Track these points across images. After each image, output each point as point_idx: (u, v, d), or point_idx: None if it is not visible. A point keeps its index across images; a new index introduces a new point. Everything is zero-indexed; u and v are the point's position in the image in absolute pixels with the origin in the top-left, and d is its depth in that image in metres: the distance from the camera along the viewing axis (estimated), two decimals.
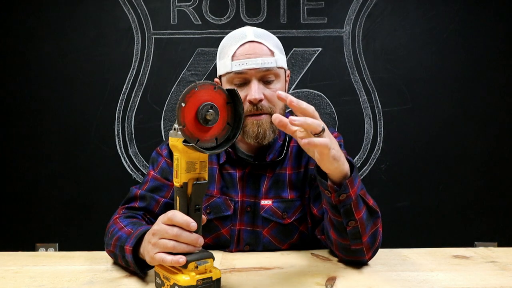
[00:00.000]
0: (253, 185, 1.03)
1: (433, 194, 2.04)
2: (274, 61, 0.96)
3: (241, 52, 0.95)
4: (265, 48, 0.96)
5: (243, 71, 0.94)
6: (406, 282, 0.78)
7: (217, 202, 1.02)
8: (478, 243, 2.00)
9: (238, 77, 0.95)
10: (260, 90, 0.95)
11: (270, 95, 0.96)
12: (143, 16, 2.04)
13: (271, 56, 0.96)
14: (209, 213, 1.02)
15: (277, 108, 0.98)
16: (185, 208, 0.69)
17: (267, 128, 0.96)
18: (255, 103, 0.94)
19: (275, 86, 0.97)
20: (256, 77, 0.95)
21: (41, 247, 2.04)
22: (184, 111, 0.63)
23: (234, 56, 0.95)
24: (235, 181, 1.03)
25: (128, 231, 0.86)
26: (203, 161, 0.69)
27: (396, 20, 2.03)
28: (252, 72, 0.94)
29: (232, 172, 1.04)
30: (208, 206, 1.02)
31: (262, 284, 0.76)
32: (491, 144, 2.03)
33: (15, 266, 0.88)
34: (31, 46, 2.03)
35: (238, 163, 1.04)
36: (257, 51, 0.95)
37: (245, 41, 0.96)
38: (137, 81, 2.05)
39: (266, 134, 0.97)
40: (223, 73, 0.98)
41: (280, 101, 0.97)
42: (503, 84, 2.03)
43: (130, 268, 0.82)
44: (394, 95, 2.04)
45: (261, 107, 0.95)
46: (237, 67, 0.94)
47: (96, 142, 2.05)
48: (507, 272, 0.83)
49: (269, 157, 1.03)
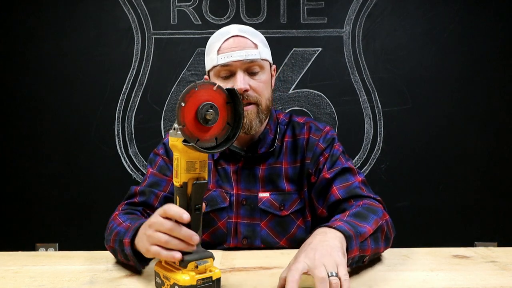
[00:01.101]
0: (248, 179, 1.05)
1: (433, 194, 2.04)
2: (258, 53, 1.00)
3: (226, 46, 1.00)
4: (249, 42, 1.01)
5: (228, 63, 0.98)
6: (406, 282, 0.78)
7: (212, 195, 1.05)
8: (478, 243, 2.00)
9: (224, 70, 0.99)
10: (246, 81, 0.99)
11: (256, 85, 1.00)
12: (143, 16, 2.04)
13: (254, 48, 1.00)
14: (206, 206, 1.03)
15: (263, 98, 1.02)
16: (185, 208, 0.69)
17: (253, 118, 1.00)
18: (240, 93, 0.97)
19: (260, 77, 1.01)
20: (241, 68, 0.99)
21: (41, 247, 2.04)
22: (184, 111, 0.63)
23: (220, 50, 1.00)
24: (229, 175, 1.06)
25: (127, 226, 0.87)
26: (203, 161, 0.69)
27: (396, 20, 2.03)
28: (237, 64, 0.98)
29: (226, 167, 1.07)
30: (204, 200, 1.03)
31: (262, 284, 0.76)
32: (491, 144, 2.03)
33: (15, 266, 0.88)
34: (31, 46, 2.03)
35: (231, 157, 1.07)
36: (241, 44, 1.00)
37: (229, 36, 1.01)
38: (137, 81, 2.05)
39: (253, 124, 1.00)
40: (210, 68, 1.02)
41: (266, 92, 1.03)
42: (503, 84, 2.03)
43: (130, 262, 0.83)
44: (394, 95, 2.04)
45: (247, 96, 0.99)
46: (222, 60, 0.98)
47: (96, 142, 2.05)
48: (507, 272, 0.83)
49: (261, 150, 1.06)
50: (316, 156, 1.05)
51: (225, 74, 1.00)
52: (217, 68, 1.00)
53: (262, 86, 1.02)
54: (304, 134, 1.09)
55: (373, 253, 0.84)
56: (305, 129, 1.09)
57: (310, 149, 1.06)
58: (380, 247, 0.87)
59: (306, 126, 1.10)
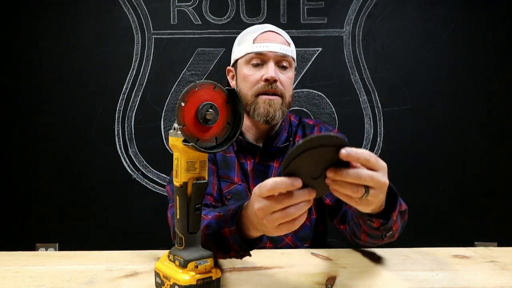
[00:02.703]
0: (261, 175, 1.08)
1: (433, 194, 2.04)
2: (290, 50, 1.07)
3: (263, 38, 1.06)
4: (283, 39, 1.08)
5: (263, 52, 1.04)
6: (406, 282, 0.78)
7: (238, 189, 1.07)
8: (478, 243, 2.00)
9: (257, 58, 1.05)
10: (277, 72, 1.04)
11: (284, 79, 1.05)
12: (143, 16, 2.04)
13: (287, 45, 1.07)
14: (229, 199, 1.05)
15: (288, 93, 1.07)
16: (185, 208, 0.69)
17: (277, 108, 1.04)
18: (271, 81, 1.02)
19: (287, 73, 1.07)
20: (274, 60, 1.04)
21: (41, 247, 2.04)
22: (184, 111, 0.63)
23: (256, 40, 1.06)
24: (247, 172, 1.09)
25: (217, 215, 0.79)
26: (203, 161, 0.69)
27: (396, 20, 2.03)
28: (271, 54, 1.04)
29: (243, 162, 1.09)
30: (229, 192, 1.05)
31: (262, 284, 0.76)
32: (491, 144, 2.03)
33: (15, 266, 0.88)
34: (31, 46, 2.03)
35: (248, 151, 1.09)
36: (278, 39, 1.07)
37: (266, 30, 1.08)
38: (137, 81, 2.05)
39: (276, 114, 1.04)
40: (242, 55, 1.07)
41: (290, 88, 1.09)
42: (503, 84, 2.03)
43: (231, 254, 0.77)
44: (394, 95, 2.03)
45: (275, 87, 1.04)
46: (258, 48, 1.04)
47: (96, 142, 2.05)
48: (507, 272, 0.83)
49: (276, 144, 1.10)
50: None
51: (256, 62, 1.05)
52: (251, 55, 1.05)
53: (288, 81, 1.07)
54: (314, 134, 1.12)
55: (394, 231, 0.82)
56: (315, 130, 1.14)
57: None
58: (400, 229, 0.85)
59: (316, 128, 1.15)
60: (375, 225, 0.76)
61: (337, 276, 0.80)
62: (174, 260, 0.70)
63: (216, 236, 0.75)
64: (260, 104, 1.03)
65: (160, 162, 2.05)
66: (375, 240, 0.85)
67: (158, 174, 2.05)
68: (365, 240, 0.87)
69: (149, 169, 2.05)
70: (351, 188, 0.59)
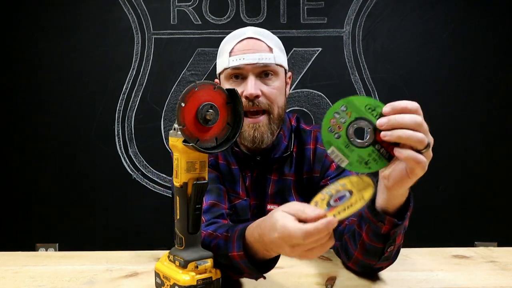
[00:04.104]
0: (259, 187, 1.00)
1: (433, 194, 2.04)
2: (273, 57, 0.93)
3: (239, 48, 0.94)
4: (264, 45, 0.95)
5: (239, 66, 0.92)
6: (406, 282, 0.78)
7: (242, 205, 0.99)
8: (478, 243, 2.00)
9: (235, 73, 0.93)
10: (257, 86, 0.92)
11: (268, 92, 0.93)
12: (143, 16, 2.04)
13: (269, 52, 0.94)
14: (231, 215, 0.96)
15: (275, 106, 0.95)
16: (185, 208, 0.69)
17: (264, 131, 0.93)
18: (251, 98, 0.91)
19: (273, 83, 0.94)
20: (253, 72, 0.92)
21: (41, 247, 2.04)
22: (184, 111, 0.63)
23: (232, 52, 0.94)
24: (246, 185, 1.01)
25: (225, 236, 0.73)
26: (203, 161, 0.69)
27: (396, 20, 2.03)
28: (249, 67, 0.92)
29: (244, 175, 1.01)
30: (233, 207, 0.98)
31: (262, 284, 0.76)
32: (491, 144, 2.03)
33: (15, 266, 0.88)
34: (31, 46, 2.03)
35: (245, 163, 1.01)
36: (255, 47, 0.94)
37: (243, 38, 0.95)
38: (137, 81, 2.05)
39: (264, 138, 0.93)
40: (221, 70, 0.96)
41: (279, 99, 0.95)
42: (503, 84, 2.03)
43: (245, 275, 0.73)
44: (394, 95, 2.03)
45: (258, 103, 0.92)
46: (234, 62, 0.92)
47: (96, 142, 2.05)
48: (507, 272, 0.83)
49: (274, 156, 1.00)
50: (325, 169, 1.00)
51: (235, 77, 0.94)
52: (228, 70, 0.93)
53: (275, 93, 0.94)
54: (310, 144, 1.02)
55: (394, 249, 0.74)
56: (311, 138, 1.03)
57: (319, 161, 1.00)
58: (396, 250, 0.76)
59: (312, 135, 1.03)
60: (384, 228, 0.68)
61: (337, 276, 0.80)
62: (174, 260, 0.70)
63: (227, 259, 0.71)
64: (245, 129, 0.92)
65: (160, 162, 2.05)
66: (370, 258, 0.75)
67: (158, 174, 2.05)
68: (357, 259, 0.77)
69: (149, 169, 2.05)
70: (416, 136, 0.59)
